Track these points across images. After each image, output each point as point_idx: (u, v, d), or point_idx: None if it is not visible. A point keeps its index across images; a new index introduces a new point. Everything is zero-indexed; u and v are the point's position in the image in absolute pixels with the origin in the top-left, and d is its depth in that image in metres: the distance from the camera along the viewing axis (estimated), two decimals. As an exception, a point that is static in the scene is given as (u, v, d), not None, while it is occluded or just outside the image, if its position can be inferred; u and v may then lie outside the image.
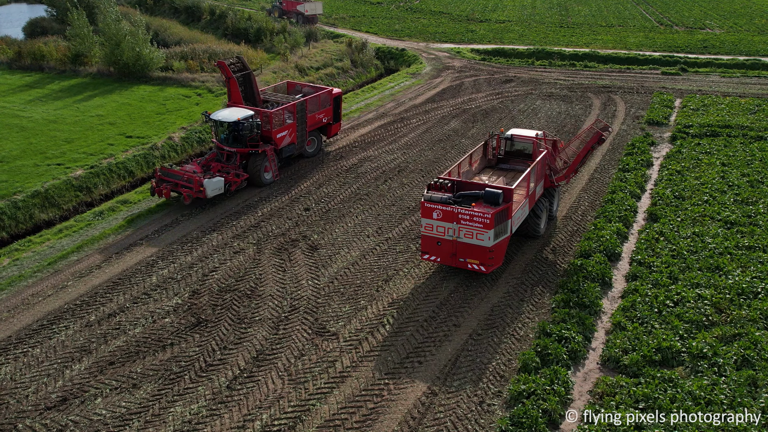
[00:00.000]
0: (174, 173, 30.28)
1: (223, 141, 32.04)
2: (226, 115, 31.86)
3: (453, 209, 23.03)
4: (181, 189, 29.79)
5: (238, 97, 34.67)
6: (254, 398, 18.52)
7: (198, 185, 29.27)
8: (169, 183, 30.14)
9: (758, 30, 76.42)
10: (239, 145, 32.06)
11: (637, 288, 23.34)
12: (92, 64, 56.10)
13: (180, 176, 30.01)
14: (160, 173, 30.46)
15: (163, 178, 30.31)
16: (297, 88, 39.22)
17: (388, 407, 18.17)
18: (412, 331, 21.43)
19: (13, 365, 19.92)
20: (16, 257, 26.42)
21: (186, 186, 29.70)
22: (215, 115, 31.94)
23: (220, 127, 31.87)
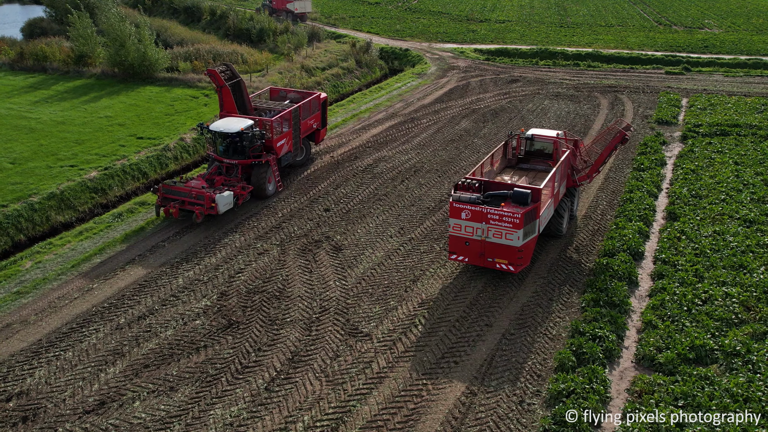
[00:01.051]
0: (180, 190, 28.48)
1: (222, 153, 30.61)
2: (226, 125, 30.21)
3: (482, 209, 23.07)
4: (190, 206, 28.12)
5: (232, 107, 32.97)
6: (293, 400, 18.47)
7: (210, 201, 27.80)
8: (175, 201, 28.36)
9: (756, 29, 77.01)
10: (241, 157, 30.54)
11: (664, 286, 23.48)
12: (96, 65, 55.82)
13: (187, 193, 28.30)
14: (163, 191, 28.68)
15: (166, 196, 28.62)
16: (281, 93, 38.06)
17: (429, 407, 18.19)
18: (444, 332, 21.45)
19: (47, 369, 19.79)
20: (38, 260, 26.24)
21: (196, 203, 28.07)
22: (215, 127, 30.19)
23: (219, 138, 30.32)
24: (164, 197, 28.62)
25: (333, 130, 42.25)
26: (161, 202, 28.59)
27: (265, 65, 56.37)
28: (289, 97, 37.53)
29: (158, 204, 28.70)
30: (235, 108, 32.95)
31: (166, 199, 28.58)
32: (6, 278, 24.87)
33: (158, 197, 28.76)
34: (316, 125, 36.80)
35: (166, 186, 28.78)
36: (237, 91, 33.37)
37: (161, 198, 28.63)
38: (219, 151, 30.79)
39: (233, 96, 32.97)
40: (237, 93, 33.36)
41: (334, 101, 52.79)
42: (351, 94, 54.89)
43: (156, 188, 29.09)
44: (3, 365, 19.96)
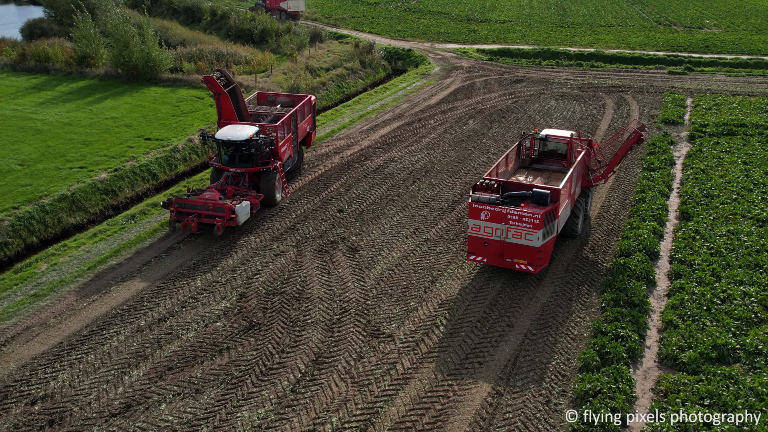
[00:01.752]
0: (194, 203, 27.40)
1: (228, 162, 29.68)
2: (233, 133, 29.25)
3: (502, 210, 23.09)
4: (207, 219, 27.24)
5: (231, 114, 31.93)
6: (320, 401, 18.45)
7: (229, 213, 27.02)
8: (191, 215, 27.31)
9: (755, 29, 77.37)
10: (248, 165, 29.69)
11: (683, 286, 23.56)
12: (99, 66, 55.63)
13: (202, 206, 27.32)
14: (177, 206, 27.43)
15: (181, 210, 27.43)
16: (270, 98, 37.25)
17: (456, 408, 18.20)
18: (467, 332, 21.47)
19: (70, 372, 19.71)
20: (54, 262, 26.14)
21: (216, 215, 27.19)
22: (222, 136, 29.10)
23: (224, 147, 29.32)
24: (179, 212, 27.44)
25: (341, 130, 42.26)
26: (177, 217, 27.39)
27: (269, 66, 56.29)
28: (279, 101, 36.75)
29: (174, 219, 27.37)
30: (235, 115, 31.98)
31: (181, 213, 27.42)
32: (22, 281, 24.76)
33: (172, 212, 27.47)
34: (309, 129, 36.41)
35: (179, 200, 27.58)
36: (233, 97, 32.44)
37: (176, 213, 27.43)
38: (224, 161, 29.74)
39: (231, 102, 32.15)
40: (234, 99, 32.46)
41: (338, 102, 52.84)
42: (356, 94, 54.90)
43: (166, 203, 27.82)
44: (25, 368, 19.87)
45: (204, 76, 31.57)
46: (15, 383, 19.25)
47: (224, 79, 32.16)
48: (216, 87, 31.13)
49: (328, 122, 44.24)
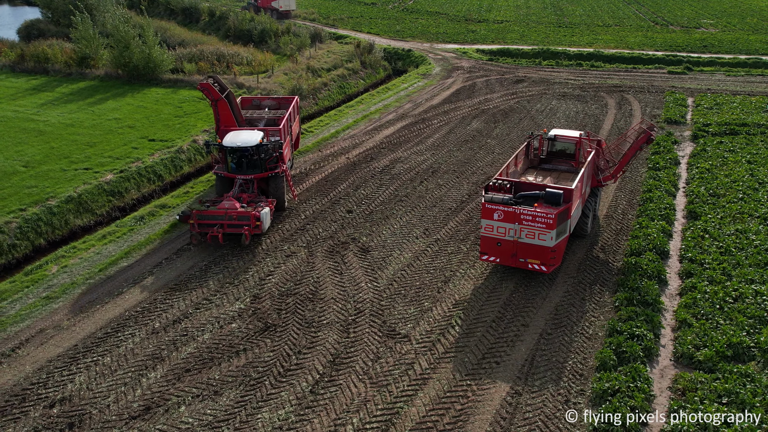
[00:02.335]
0: (216, 214, 26.60)
1: (235, 169, 28.94)
2: (241, 139, 28.65)
3: (515, 210, 23.14)
4: (231, 229, 26.56)
5: (230, 120, 31.06)
6: (340, 402, 18.46)
7: (255, 220, 26.60)
8: (215, 226, 26.47)
9: (752, 29, 77.79)
10: (257, 170, 29.08)
11: (695, 285, 23.68)
12: (99, 67, 55.40)
13: (223, 216, 26.56)
14: (198, 218, 26.50)
15: (203, 222, 26.55)
16: (255, 102, 36.47)
17: (476, 408, 18.24)
18: (482, 332, 21.52)
19: (86, 374, 19.64)
20: (64, 264, 26.04)
21: (242, 224, 26.62)
22: (230, 143, 28.39)
23: (232, 154, 28.59)
24: (200, 224, 26.54)
25: (345, 131, 42.25)
26: (199, 229, 26.54)
27: (270, 66, 56.21)
28: (264, 105, 36.10)
29: (196, 233, 26.50)
30: (234, 121, 31.11)
31: (203, 225, 26.54)
32: (33, 283, 24.66)
33: (193, 226, 26.51)
34: (298, 130, 36.04)
35: (199, 213, 26.62)
36: (229, 103, 31.65)
37: (197, 225, 26.52)
38: (231, 168, 29.02)
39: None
40: (229, 105, 31.63)
41: (340, 102, 52.82)
42: (357, 95, 54.89)
43: (183, 216, 27.01)
44: (42, 371, 19.80)
45: (199, 83, 30.46)
46: (32, 386, 19.19)
47: (218, 85, 31.26)
48: (213, 93, 30.12)
49: (332, 123, 44.22)
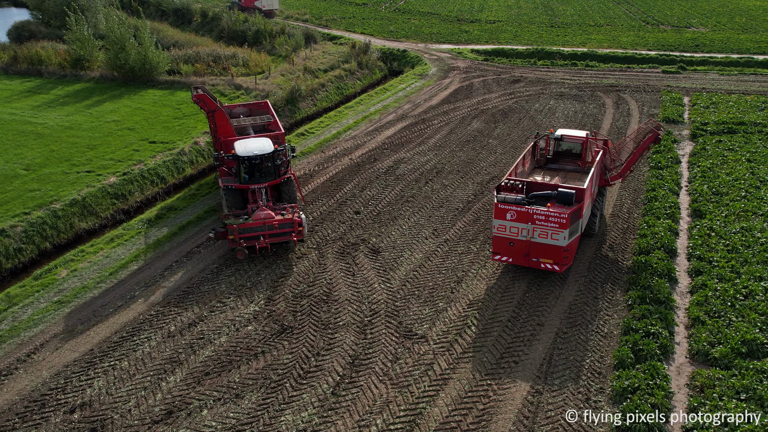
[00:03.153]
0: (256, 226, 25.73)
1: (248, 179, 27.98)
2: (256, 147, 27.83)
3: (528, 210, 23.27)
4: (278, 238, 26.10)
5: (228, 130, 29.76)
6: (362, 404, 18.49)
7: (298, 226, 26.18)
8: (259, 237, 25.84)
9: (741, 28, 78.56)
10: (271, 177, 28.31)
11: (705, 283, 23.92)
12: (94, 69, 55.00)
13: (262, 226, 25.79)
14: (239, 232, 25.56)
15: (245, 236, 25.68)
16: (226, 110, 33.74)
17: (498, 407, 18.33)
18: (498, 332, 21.62)
19: (105, 379, 19.54)
20: (73, 268, 25.86)
21: (286, 231, 26.13)
22: (245, 152, 27.47)
23: (246, 163, 27.69)
24: (244, 238, 25.69)
25: (346, 132, 42.25)
26: (240, 242, 25.57)
27: (267, 67, 56.07)
28: (236, 112, 35.12)
29: (242, 247, 25.47)
30: (233, 131, 29.83)
31: (247, 239, 25.70)
32: (44, 287, 24.49)
33: (233, 240, 25.55)
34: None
35: (241, 227, 25.56)
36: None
37: (241, 239, 25.59)
38: (244, 179, 27.96)
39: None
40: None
41: (338, 103, 52.76)
42: (354, 95, 54.86)
43: (219, 234, 25.95)
44: (59, 376, 19.67)
45: (194, 95, 29.32)
46: (50, 391, 19.06)
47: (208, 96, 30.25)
48: (209, 104, 29.00)
49: (332, 123, 44.19)
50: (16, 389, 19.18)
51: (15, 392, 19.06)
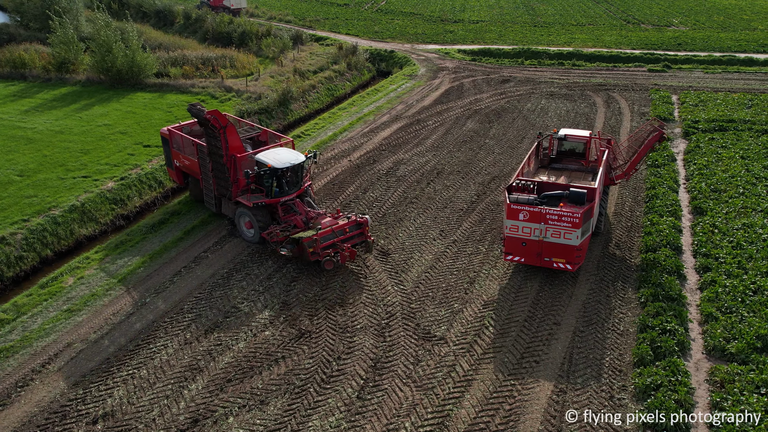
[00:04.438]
0: (330, 233, 25.32)
1: (279, 192, 27.17)
2: (287, 158, 26.92)
3: (541, 210, 23.40)
4: (356, 239, 26.02)
5: (239, 145, 27.59)
6: (388, 407, 18.45)
7: (366, 227, 26.28)
8: (333, 245, 25.31)
9: (720, 27, 79.88)
10: (298, 187, 27.77)
11: (714, 279, 24.26)
12: (80, 72, 54.16)
13: (333, 233, 25.46)
14: (321, 241, 24.95)
15: (325, 245, 25.10)
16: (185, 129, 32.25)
17: (524, 407, 18.42)
18: (516, 332, 21.72)
19: (125, 388, 19.25)
20: (80, 275, 25.45)
21: (358, 233, 26.10)
22: (279, 163, 26.40)
23: (276, 175, 26.83)
24: (323, 248, 25.06)
25: (342, 133, 42.13)
26: (322, 253, 24.87)
27: (256, 69, 55.71)
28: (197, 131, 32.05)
29: (328, 255, 24.72)
30: (241, 146, 27.92)
31: (325, 248, 25.11)
32: (51, 295, 24.06)
33: (312, 252, 24.70)
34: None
35: (318, 237, 24.83)
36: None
37: (319, 249, 24.89)
38: (275, 192, 27.07)
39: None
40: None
41: (329, 104, 52.65)
42: (345, 96, 54.78)
43: (293, 249, 25.08)
44: (77, 386, 19.34)
45: (206, 113, 26.57)
46: (70, 402, 18.73)
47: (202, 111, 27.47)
48: (221, 119, 26.68)
49: (327, 125, 44.04)
50: (34, 400, 18.82)
51: (33, 404, 18.70)
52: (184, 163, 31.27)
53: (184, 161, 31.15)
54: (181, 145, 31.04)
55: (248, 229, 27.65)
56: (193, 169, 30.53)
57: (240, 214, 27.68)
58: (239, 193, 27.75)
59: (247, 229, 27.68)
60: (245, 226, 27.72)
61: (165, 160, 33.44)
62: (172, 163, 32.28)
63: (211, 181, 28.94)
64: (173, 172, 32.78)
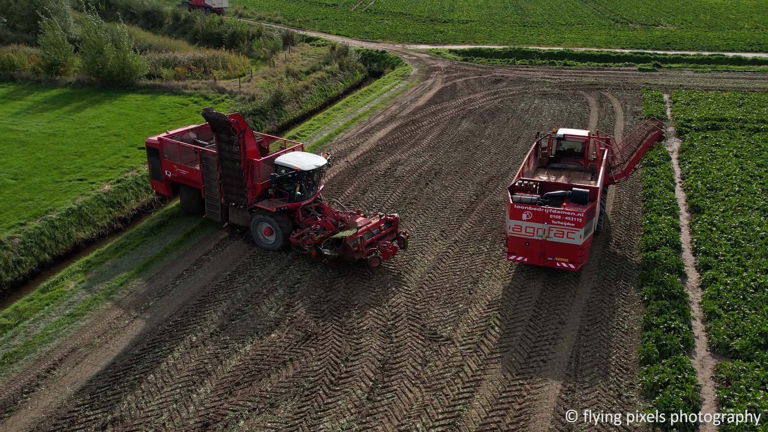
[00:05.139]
0: (366, 231, 25.59)
1: (301, 195, 26.95)
2: (310, 161, 26.90)
3: (544, 210, 23.51)
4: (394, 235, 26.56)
5: (255, 150, 26.99)
6: (398, 408, 18.45)
7: (398, 224, 26.92)
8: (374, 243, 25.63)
9: (707, 26, 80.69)
10: (315, 189, 27.78)
11: (715, 277, 24.49)
12: (70, 74, 53.67)
13: (370, 232, 25.74)
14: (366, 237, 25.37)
15: (367, 243, 25.44)
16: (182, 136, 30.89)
17: (534, 406, 18.50)
18: (522, 332, 21.81)
19: (132, 393, 19.10)
20: (81, 279, 25.23)
21: (390, 231, 26.62)
22: (306, 166, 26.35)
23: (299, 180, 26.64)
24: (367, 246, 25.33)
25: (338, 134, 42.11)
26: (366, 251, 25.10)
27: (248, 70, 55.52)
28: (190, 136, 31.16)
29: (365, 256, 25.05)
30: (258, 151, 27.44)
31: (368, 246, 25.42)
32: (53, 300, 23.83)
33: (357, 250, 24.88)
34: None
35: (357, 235, 25.02)
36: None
37: (363, 248, 25.11)
38: (298, 196, 26.78)
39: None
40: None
41: (323, 105, 52.62)
42: (338, 97, 54.77)
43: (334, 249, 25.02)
44: (84, 392, 19.17)
45: (229, 117, 25.55)
46: (77, 408, 18.56)
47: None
48: (241, 123, 25.83)
49: (322, 126, 44.00)
50: (41, 407, 18.63)
51: (40, 410, 18.51)
52: (179, 173, 29.62)
53: (179, 171, 29.55)
54: (177, 154, 29.66)
55: (268, 236, 26.94)
56: (193, 179, 29.14)
57: (259, 221, 26.86)
58: (255, 199, 27.18)
59: (267, 236, 26.96)
60: (264, 234, 26.98)
61: (150, 172, 31.46)
62: (160, 174, 30.39)
63: (218, 189, 28.05)
64: (161, 185, 30.89)
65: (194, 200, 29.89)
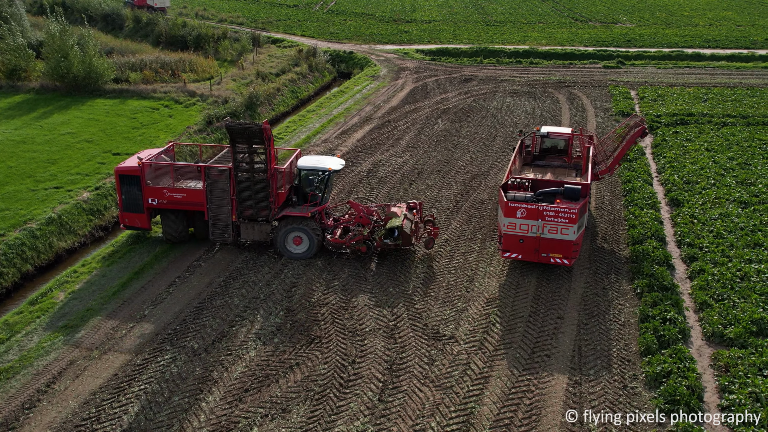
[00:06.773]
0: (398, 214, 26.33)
1: (324, 197, 27.08)
2: (333, 163, 26.95)
3: (538, 207, 23.88)
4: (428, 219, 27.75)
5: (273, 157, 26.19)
6: (411, 408, 18.52)
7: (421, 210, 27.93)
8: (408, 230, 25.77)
9: (664, 23, 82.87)
10: (330, 190, 28.04)
11: (702, 268, 25.22)
12: (33, 79, 52.23)
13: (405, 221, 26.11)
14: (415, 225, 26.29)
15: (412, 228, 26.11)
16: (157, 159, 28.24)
17: (544, 401, 18.79)
18: (523, 328, 22.11)
19: (139, 404, 18.73)
20: (71, 290, 24.62)
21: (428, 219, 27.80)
22: (336, 166, 26.74)
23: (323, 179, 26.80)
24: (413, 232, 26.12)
25: (315, 136, 41.96)
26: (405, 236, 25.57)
27: (217, 73, 54.84)
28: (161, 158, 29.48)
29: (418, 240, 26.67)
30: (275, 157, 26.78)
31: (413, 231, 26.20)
32: (44, 312, 23.20)
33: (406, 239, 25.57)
34: None
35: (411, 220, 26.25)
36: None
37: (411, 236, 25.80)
38: (324, 198, 26.98)
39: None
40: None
41: (294, 107, 52.33)
42: (309, 98, 54.56)
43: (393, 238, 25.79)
44: (89, 405, 18.72)
45: (263, 123, 24.97)
46: (84, 422, 18.11)
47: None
48: (267, 131, 24.93)
49: (299, 128, 43.78)
50: (45, 422, 18.12)
51: (44, 425, 18.00)
52: (171, 198, 26.73)
53: (171, 195, 26.73)
54: (167, 177, 27.52)
55: (298, 245, 26.24)
56: (192, 201, 26.64)
57: (288, 231, 26.05)
58: (278, 209, 26.55)
59: (297, 245, 26.24)
60: (294, 243, 26.22)
61: (121, 205, 27.46)
62: (140, 204, 27.02)
63: (228, 207, 26.45)
64: (139, 216, 27.40)
65: (180, 226, 27.38)
